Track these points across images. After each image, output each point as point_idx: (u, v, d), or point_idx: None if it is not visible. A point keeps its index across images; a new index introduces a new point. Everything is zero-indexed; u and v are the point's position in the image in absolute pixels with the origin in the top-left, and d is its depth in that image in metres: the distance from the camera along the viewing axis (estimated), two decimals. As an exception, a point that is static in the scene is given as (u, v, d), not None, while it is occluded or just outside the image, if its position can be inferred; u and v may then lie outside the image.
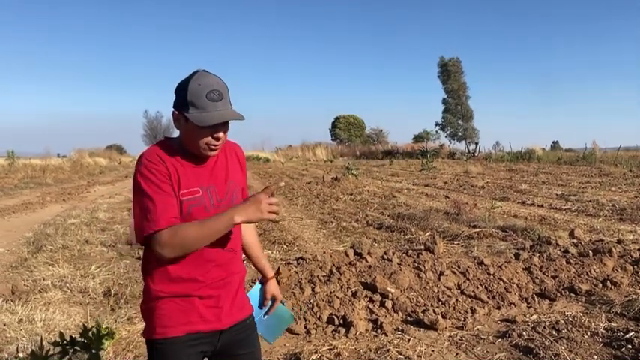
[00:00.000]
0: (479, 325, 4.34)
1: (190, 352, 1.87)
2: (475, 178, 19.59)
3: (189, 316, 1.84)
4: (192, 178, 1.83)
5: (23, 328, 4.16)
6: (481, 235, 7.78)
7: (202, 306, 1.86)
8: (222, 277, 1.89)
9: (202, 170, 1.87)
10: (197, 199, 1.82)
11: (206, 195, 1.85)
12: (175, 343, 1.84)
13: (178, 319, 1.84)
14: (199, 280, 1.85)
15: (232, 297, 1.94)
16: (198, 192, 1.83)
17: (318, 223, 9.83)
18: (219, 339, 1.91)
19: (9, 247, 7.76)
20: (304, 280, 4.97)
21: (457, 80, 45.08)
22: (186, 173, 1.83)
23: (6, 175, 23.57)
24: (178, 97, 1.80)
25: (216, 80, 1.80)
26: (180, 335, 1.83)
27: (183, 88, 1.77)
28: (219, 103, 1.77)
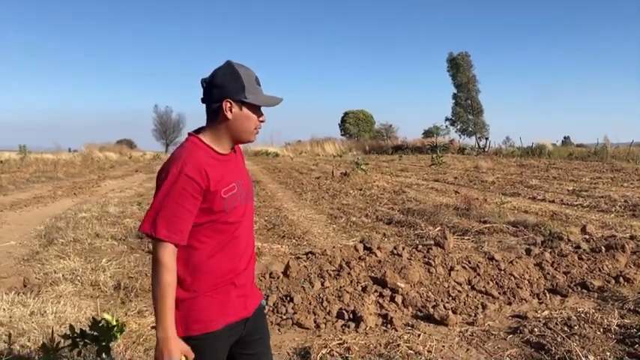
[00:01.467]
0: (490, 320, 4.31)
1: (225, 343, 1.92)
2: (485, 173, 19.47)
3: (226, 309, 1.88)
4: (228, 173, 1.89)
5: (35, 321, 4.18)
6: (491, 230, 7.72)
7: (234, 296, 1.91)
8: (246, 266, 1.97)
9: (232, 164, 1.95)
10: (235, 195, 1.89)
11: (240, 188, 1.92)
12: (214, 338, 1.86)
13: (217, 312, 1.86)
14: (235, 272, 1.91)
15: (252, 284, 2.03)
16: (234, 188, 1.89)
17: (327, 217, 9.81)
18: (244, 327, 1.97)
19: (21, 241, 7.81)
20: (314, 274, 4.96)
21: (466, 74, 44.71)
22: (222, 168, 1.87)
23: (18, 169, 23.76)
24: (231, 85, 1.83)
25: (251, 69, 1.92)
26: (219, 329, 1.86)
27: (236, 76, 1.84)
28: (262, 88, 1.91)
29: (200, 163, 1.80)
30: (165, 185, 1.77)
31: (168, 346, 1.73)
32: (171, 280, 1.76)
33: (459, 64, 44.48)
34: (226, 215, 1.85)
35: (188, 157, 1.80)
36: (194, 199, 1.77)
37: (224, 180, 1.85)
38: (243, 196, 1.93)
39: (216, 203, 1.82)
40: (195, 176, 1.77)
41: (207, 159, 1.84)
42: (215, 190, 1.81)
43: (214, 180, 1.81)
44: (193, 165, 1.78)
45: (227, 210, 1.85)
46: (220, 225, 1.86)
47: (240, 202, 1.91)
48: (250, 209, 2.01)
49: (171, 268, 1.76)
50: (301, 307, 4.40)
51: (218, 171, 1.84)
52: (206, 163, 1.81)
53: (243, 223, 1.94)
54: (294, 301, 4.46)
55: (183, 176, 1.76)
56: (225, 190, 1.85)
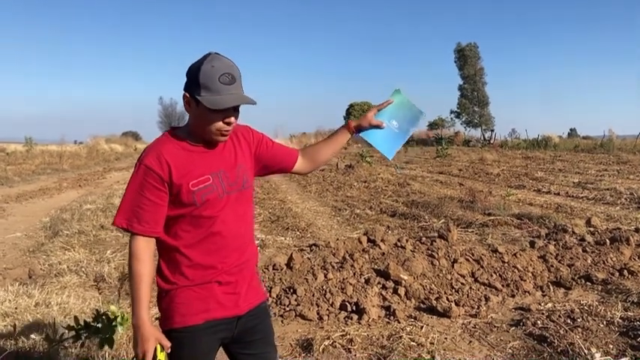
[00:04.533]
0: (493, 313, 4.31)
1: (209, 339, 1.88)
2: (490, 165, 19.40)
3: (208, 304, 1.85)
4: (200, 165, 1.83)
5: (39, 312, 4.21)
6: (496, 222, 7.71)
7: (220, 293, 1.87)
8: (239, 262, 1.91)
9: (211, 155, 1.86)
10: (208, 187, 1.82)
11: (217, 180, 1.84)
12: (194, 332, 1.85)
13: (197, 307, 1.84)
14: (217, 267, 1.86)
15: (248, 282, 1.96)
16: (208, 179, 1.82)
17: (331, 210, 9.81)
18: (236, 325, 1.92)
19: (26, 232, 7.86)
20: (317, 266, 4.97)
21: (474, 66, 44.48)
22: (194, 161, 1.82)
23: (24, 161, 23.85)
24: (190, 79, 1.76)
25: (229, 63, 1.77)
26: (200, 323, 1.84)
27: (196, 70, 1.74)
28: (232, 87, 1.74)
29: (162, 153, 1.79)
30: (130, 178, 1.81)
31: (142, 333, 1.76)
32: (143, 271, 1.78)
33: (466, 56, 44.22)
34: (198, 209, 1.81)
35: (150, 149, 1.82)
36: (157, 189, 1.78)
37: (194, 172, 1.81)
38: (223, 188, 1.85)
39: (184, 196, 1.80)
40: (154, 167, 1.77)
41: (176, 150, 1.82)
42: (179, 182, 1.79)
43: (178, 172, 1.79)
44: (153, 156, 1.79)
45: (197, 203, 1.80)
46: (195, 218, 1.83)
47: (215, 195, 1.84)
48: (235, 202, 1.90)
49: (142, 259, 1.78)
50: (304, 298, 4.41)
51: (186, 163, 1.81)
52: (171, 154, 1.80)
53: (222, 217, 1.86)
54: (297, 293, 4.47)
55: (142, 167, 1.78)
56: (195, 182, 1.81)
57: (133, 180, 1.81)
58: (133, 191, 1.79)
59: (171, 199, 1.80)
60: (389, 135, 2.16)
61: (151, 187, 1.77)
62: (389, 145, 2.17)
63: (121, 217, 1.79)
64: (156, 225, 1.80)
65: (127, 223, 1.78)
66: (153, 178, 1.77)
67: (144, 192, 1.78)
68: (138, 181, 1.79)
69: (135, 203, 1.78)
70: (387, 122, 2.16)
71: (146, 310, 1.77)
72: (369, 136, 2.15)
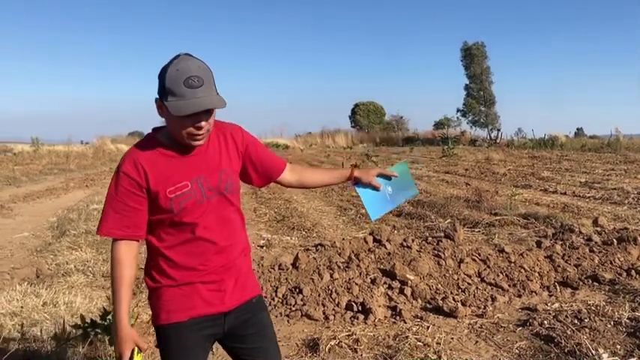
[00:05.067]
0: (499, 313, 4.30)
1: (195, 336, 1.89)
2: (497, 165, 19.32)
3: (192, 301, 1.87)
4: (179, 172, 1.81)
5: (47, 311, 4.24)
6: (502, 222, 7.68)
7: (205, 290, 1.88)
8: (223, 263, 1.91)
9: (191, 160, 1.84)
10: (186, 194, 1.80)
11: (196, 186, 1.82)
12: (180, 328, 1.87)
13: (181, 304, 1.86)
14: (199, 269, 1.87)
15: (235, 279, 1.95)
16: (187, 185, 1.81)
17: (337, 209, 9.81)
18: (224, 321, 1.92)
19: (34, 232, 7.91)
20: (323, 266, 4.97)
21: (480, 65, 44.26)
22: (173, 167, 1.81)
23: (31, 161, 23.99)
24: (159, 84, 1.72)
25: (196, 65, 1.70)
26: (184, 320, 1.86)
27: (162, 74, 1.70)
28: (199, 90, 1.67)
29: (139, 160, 1.79)
30: (109, 185, 1.82)
31: (120, 334, 1.80)
32: (124, 273, 1.81)
33: (473, 55, 44.02)
34: (177, 215, 1.81)
35: (128, 154, 1.83)
36: (135, 195, 1.79)
37: (171, 179, 1.80)
38: (203, 193, 1.83)
39: (162, 202, 1.79)
40: (131, 173, 1.78)
41: (154, 156, 1.81)
42: (156, 189, 1.78)
43: (155, 178, 1.78)
44: (130, 162, 1.79)
45: (174, 210, 1.80)
46: (175, 224, 1.83)
47: (193, 201, 1.81)
48: (217, 206, 1.87)
49: (122, 262, 1.81)
50: (310, 298, 4.42)
51: (164, 169, 1.80)
52: (148, 160, 1.80)
53: (204, 222, 1.85)
54: (303, 293, 4.47)
55: (120, 174, 1.79)
56: (172, 189, 1.79)
57: (111, 187, 1.81)
58: (112, 198, 1.80)
59: (150, 204, 1.81)
60: (381, 198, 2.29)
61: (129, 193, 1.78)
62: (377, 207, 2.30)
63: (103, 226, 1.81)
64: (137, 229, 1.82)
65: (107, 231, 1.80)
66: (130, 185, 1.78)
67: (122, 198, 1.78)
68: (117, 188, 1.79)
69: (115, 210, 1.79)
70: (384, 186, 2.27)
71: (125, 312, 1.81)
72: (363, 192, 2.27)
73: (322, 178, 2.25)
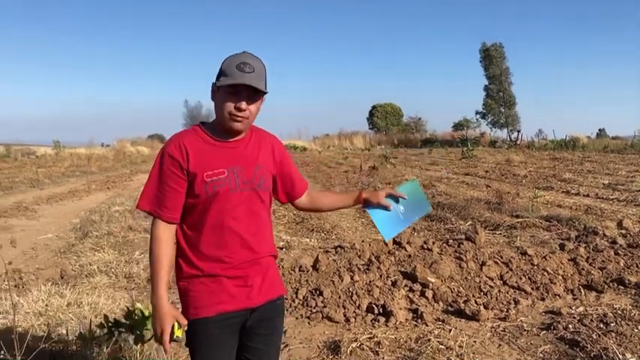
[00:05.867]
0: (522, 316, 4.24)
1: (223, 331, 1.93)
2: (517, 166, 19.13)
3: (219, 297, 1.91)
4: (219, 159, 1.90)
5: (72, 312, 4.30)
6: (524, 224, 7.59)
7: (231, 285, 1.92)
8: (249, 258, 1.95)
9: (231, 151, 1.93)
10: (221, 180, 1.88)
11: (232, 175, 1.90)
12: (207, 323, 1.90)
13: (209, 299, 1.90)
14: (225, 261, 1.91)
15: (262, 275, 1.99)
16: (223, 172, 1.89)
17: (356, 212, 9.78)
18: (250, 317, 1.97)
19: (57, 233, 8.03)
20: (343, 268, 4.96)
21: (499, 66, 43.90)
22: (214, 154, 1.90)
23: (53, 164, 24.38)
24: (218, 71, 1.88)
25: (252, 58, 1.87)
26: (212, 315, 1.90)
27: (222, 63, 1.87)
28: (247, 74, 1.82)
29: (182, 142, 1.89)
30: (153, 166, 1.91)
31: (160, 311, 1.84)
32: (164, 252, 1.87)
33: (491, 56, 43.69)
34: (209, 200, 1.87)
35: (173, 138, 1.93)
36: (176, 176, 1.86)
37: (210, 164, 1.88)
38: (237, 183, 1.90)
39: (197, 186, 1.86)
40: (174, 154, 1.86)
41: (196, 141, 1.90)
42: (195, 171, 1.86)
43: (195, 161, 1.87)
44: (174, 144, 1.89)
45: (208, 194, 1.87)
46: (206, 210, 1.89)
47: (227, 189, 1.88)
48: (248, 200, 1.94)
49: (163, 240, 1.87)
50: (331, 300, 4.41)
51: (205, 154, 1.89)
52: (191, 144, 1.89)
53: (234, 213, 1.91)
54: (323, 295, 4.47)
55: (165, 155, 1.88)
56: (209, 174, 1.87)
57: (154, 167, 1.90)
58: (155, 178, 1.89)
59: (187, 187, 1.89)
60: (393, 218, 2.24)
61: (171, 173, 1.86)
62: (390, 227, 2.25)
63: (145, 201, 1.89)
64: (175, 212, 1.89)
65: (150, 207, 1.88)
66: (173, 165, 1.86)
67: (165, 178, 1.87)
68: (160, 168, 1.88)
69: (157, 189, 1.87)
70: (395, 205, 2.23)
71: (165, 289, 1.85)
72: (374, 213, 2.23)
73: (334, 202, 2.30)
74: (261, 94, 1.88)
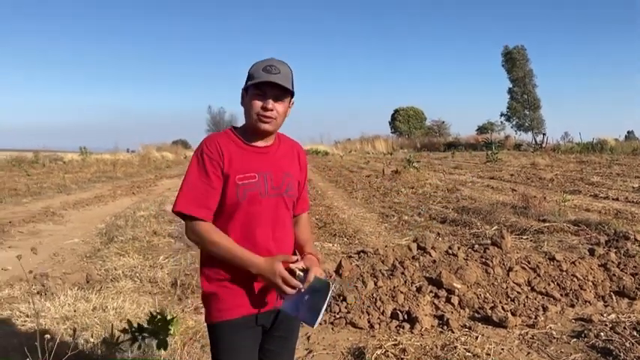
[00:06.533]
0: (551, 323, 4.14)
1: (246, 333, 1.94)
2: (543, 170, 18.81)
3: (243, 299, 1.91)
4: (250, 163, 1.91)
5: (97, 316, 4.33)
6: (551, 229, 7.44)
7: (255, 288, 1.92)
8: None
9: (262, 157, 1.95)
10: (252, 184, 1.89)
11: (262, 180, 1.91)
12: (231, 326, 1.91)
13: (233, 302, 1.91)
14: None
15: None
16: (254, 177, 1.90)
17: (378, 216, 9.72)
18: (272, 318, 1.99)
19: (84, 238, 8.13)
20: (366, 274, 4.91)
21: (522, 68, 43.42)
22: (246, 158, 1.91)
23: (80, 170, 24.81)
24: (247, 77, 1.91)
25: (279, 62, 1.91)
26: (237, 318, 1.91)
27: (250, 68, 1.91)
28: (273, 75, 1.85)
29: (219, 143, 1.90)
30: (190, 166, 1.91)
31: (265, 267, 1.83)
32: (218, 236, 1.86)
33: (514, 58, 43.26)
34: (239, 204, 1.88)
35: (209, 139, 1.94)
36: (216, 177, 1.87)
37: (243, 167, 1.89)
38: (266, 189, 1.91)
39: (229, 187, 1.87)
40: (213, 154, 1.87)
41: (229, 144, 1.92)
42: (228, 173, 1.87)
43: (229, 163, 1.88)
44: (212, 145, 1.90)
45: (239, 197, 1.87)
46: (234, 214, 1.89)
47: (256, 194, 1.89)
48: (275, 206, 1.95)
49: (210, 230, 1.87)
50: (354, 306, 4.36)
51: (238, 157, 1.90)
52: (225, 146, 1.91)
53: (261, 218, 1.91)
54: (347, 301, 4.42)
55: (204, 155, 1.88)
56: (241, 177, 1.88)
57: (192, 167, 1.89)
58: (193, 178, 1.88)
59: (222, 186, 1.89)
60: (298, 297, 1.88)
61: (212, 175, 1.86)
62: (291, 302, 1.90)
63: (187, 204, 1.87)
64: (210, 212, 1.89)
65: (187, 209, 1.86)
66: (212, 165, 1.86)
67: (203, 178, 1.87)
68: (199, 168, 1.88)
69: (197, 189, 1.87)
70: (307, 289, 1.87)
71: (250, 254, 1.85)
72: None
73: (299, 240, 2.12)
74: (288, 94, 1.91)
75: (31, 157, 32.32)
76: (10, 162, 29.09)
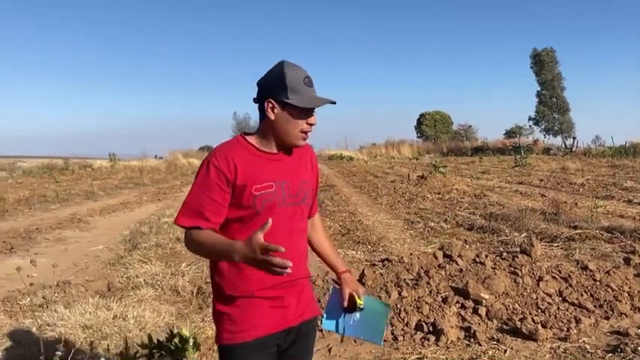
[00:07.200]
0: (584, 336, 3.94)
1: (260, 355, 1.86)
2: (574, 174, 18.33)
3: (256, 320, 1.83)
4: (266, 172, 1.82)
5: (117, 325, 4.30)
6: (583, 236, 7.18)
7: (268, 307, 1.84)
8: (288, 279, 1.82)
9: (278, 165, 1.87)
10: (270, 194, 1.81)
11: (279, 189, 1.83)
12: (244, 348, 1.83)
13: (245, 324, 1.82)
14: (264, 280, 1.80)
15: (298, 296, 1.92)
16: (271, 186, 1.81)
17: (403, 223, 9.55)
18: (285, 338, 1.90)
19: (108, 245, 8.18)
20: (390, 283, 4.78)
21: (551, 71, 42.59)
22: (260, 167, 1.82)
23: (108, 176, 25.20)
24: (274, 85, 1.79)
25: (303, 69, 1.85)
26: (249, 340, 1.82)
27: (280, 75, 1.78)
28: (313, 89, 1.82)
29: (229, 154, 1.80)
30: (197, 176, 1.82)
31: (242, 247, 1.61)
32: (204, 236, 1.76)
33: (543, 61, 42.48)
34: (257, 214, 1.79)
35: (219, 149, 1.84)
36: (221, 189, 1.77)
37: (259, 177, 1.80)
38: (284, 198, 1.84)
39: (245, 198, 1.78)
40: (221, 166, 1.77)
41: (242, 153, 1.82)
42: (244, 183, 1.77)
43: (243, 173, 1.78)
44: (221, 155, 1.80)
45: (257, 208, 1.79)
46: (250, 225, 1.79)
47: (274, 204, 1.82)
48: (292, 215, 1.87)
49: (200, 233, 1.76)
50: (378, 317, 4.23)
51: (253, 167, 1.80)
52: (238, 156, 1.80)
53: (278, 229, 1.75)
54: (370, 311, 4.29)
55: (210, 166, 1.78)
56: (258, 187, 1.79)
57: (198, 178, 1.82)
58: (198, 189, 1.80)
59: (233, 200, 1.79)
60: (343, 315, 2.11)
61: (216, 186, 1.78)
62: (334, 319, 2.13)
63: (184, 216, 1.80)
64: (209, 223, 1.79)
65: (189, 223, 1.78)
66: (218, 178, 1.77)
67: (208, 191, 1.78)
68: (203, 179, 1.80)
69: (199, 202, 1.79)
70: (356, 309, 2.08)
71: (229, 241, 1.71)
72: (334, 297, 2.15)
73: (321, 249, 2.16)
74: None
75: (61, 164, 33.00)
76: (41, 169, 29.77)
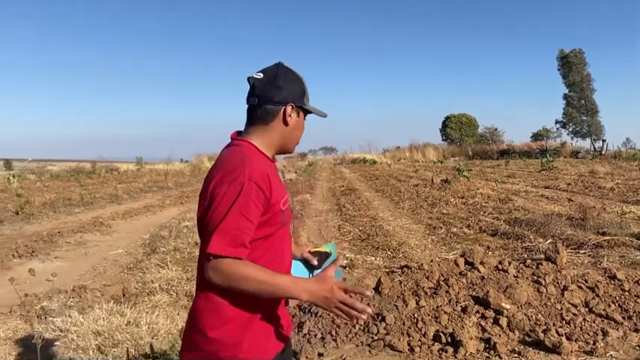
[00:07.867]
0: (612, 350, 3.75)
1: None
2: (603, 178, 17.83)
3: (276, 336, 1.74)
4: (280, 182, 1.74)
5: (129, 331, 4.25)
6: (612, 243, 6.91)
7: (280, 322, 1.77)
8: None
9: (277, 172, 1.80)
10: (288, 206, 1.75)
11: (288, 196, 1.78)
12: None
13: (269, 341, 1.72)
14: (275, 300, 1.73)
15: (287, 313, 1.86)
16: (287, 196, 1.75)
17: (425, 228, 9.37)
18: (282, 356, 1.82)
19: (127, 249, 8.21)
20: (408, 291, 4.64)
21: (580, 73, 41.71)
22: (277, 178, 1.74)
23: (134, 180, 25.51)
24: (295, 89, 1.71)
25: None
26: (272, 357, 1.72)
27: (299, 80, 1.73)
28: None
29: (262, 169, 1.62)
30: (230, 195, 1.54)
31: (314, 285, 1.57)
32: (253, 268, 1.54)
33: (571, 62, 41.65)
34: (281, 228, 1.70)
35: (252, 162, 1.61)
36: (258, 210, 1.58)
37: (281, 189, 1.70)
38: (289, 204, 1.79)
39: (275, 215, 1.65)
40: (261, 184, 1.58)
41: (266, 165, 1.67)
42: (276, 200, 1.64)
43: (275, 190, 1.64)
44: (258, 170, 1.59)
45: (284, 222, 1.71)
46: (272, 242, 1.69)
47: (290, 215, 1.78)
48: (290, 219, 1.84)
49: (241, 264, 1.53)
50: (394, 327, 4.11)
51: (275, 180, 1.68)
52: (267, 170, 1.64)
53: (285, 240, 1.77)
54: (386, 321, 4.17)
55: (251, 184, 1.55)
56: (283, 201, 1.69)
57: (239, 198, 1.54)
58: (237, 213, 1.54)
59: (261, 219, 1.61)
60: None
61: (255, 208, 1.56)
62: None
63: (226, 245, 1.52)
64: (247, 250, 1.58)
65: (234, 253, 1.52)
66: (258, 197, 1.57)
67: (248, 214, 1.55)
68: (242, 199, 1.54)
69: (238, 227, 1.54)
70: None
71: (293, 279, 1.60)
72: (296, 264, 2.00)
73: None
74: None
75: (89, 168, 33.57)
76: (68, 172, 30.32)
